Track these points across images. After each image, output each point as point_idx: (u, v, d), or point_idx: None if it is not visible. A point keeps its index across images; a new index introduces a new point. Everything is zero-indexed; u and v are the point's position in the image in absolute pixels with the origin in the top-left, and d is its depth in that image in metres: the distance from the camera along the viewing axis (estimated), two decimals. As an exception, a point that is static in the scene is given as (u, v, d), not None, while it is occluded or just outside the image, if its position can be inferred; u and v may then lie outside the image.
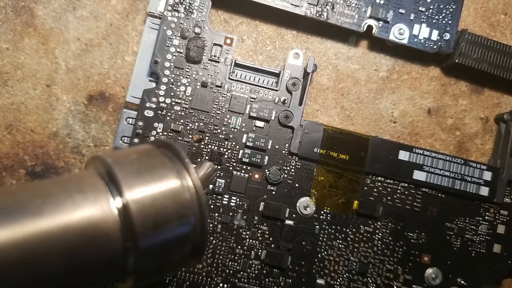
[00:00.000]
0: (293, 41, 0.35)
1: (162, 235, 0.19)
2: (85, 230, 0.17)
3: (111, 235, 0.18)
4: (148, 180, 0.19)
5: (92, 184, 0.19)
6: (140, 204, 0.18)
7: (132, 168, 0.19)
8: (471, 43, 0.33)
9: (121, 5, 0.34)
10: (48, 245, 0.17)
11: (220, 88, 0.32)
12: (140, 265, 0.19)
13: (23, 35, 0.33)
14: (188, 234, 0.20)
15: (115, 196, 0.18)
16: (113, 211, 0.18)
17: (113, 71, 0.33)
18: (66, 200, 0.18)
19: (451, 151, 0.35)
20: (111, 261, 0.18)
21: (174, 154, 0.21)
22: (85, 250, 0.17)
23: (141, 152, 0.21)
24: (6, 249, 0.16)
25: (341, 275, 0.32)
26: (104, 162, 0.19)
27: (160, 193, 0.19)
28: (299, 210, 0.32)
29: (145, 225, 0.18)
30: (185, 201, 0.19)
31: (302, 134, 0.32)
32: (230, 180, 0.32)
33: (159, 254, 0.19)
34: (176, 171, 0.20)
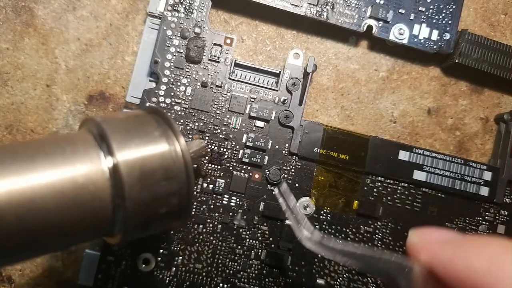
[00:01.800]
0: (293, 41, 0.35)
1: (149, 187, 0.20)
2: (76, 179, 0.18)
3: (100, 186, 0.18)
4: (138, 141, 0.20)
5: (83, 140, 0.20)
6: (128, 161, 0.19)
7: (122, 128, 0.20)
8: (471, 43, 0.33)
9: (121, 5, 0.34)
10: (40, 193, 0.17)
11: (220, 88, 0.32)
12: (128, 218, 0.19)
13: (23, 35, 0.33)
14: (173, 188, 0.20)
15: (105, 153, 0.19)
16: (103, 166, 0.19)
17: (113, 71, 0.33)
18: (57, 151, 0.18)
19: (451, 151, 0.35)
20: (101, 212, 0.19)
21: (164, 120, 0.22)
22: (76, 198, 0.18)
23: (132, 115, 0.22)
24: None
25: (341, 275, 0.32)
26: (94, 122, 0.20)
27: (148, 152, 0.20)
28: (299, 210, 0.32)
29: (132, 179, 0.19)
30: (171, 159, 0.20)
31: (302, 134, 0.32)
32: (230, 180, 0.32)
33: (146, 206, 0.20)
34: (164, 132, 0.21)
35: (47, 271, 0.32)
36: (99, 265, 0.30)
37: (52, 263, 0.32)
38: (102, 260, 0.30)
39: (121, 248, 0.30)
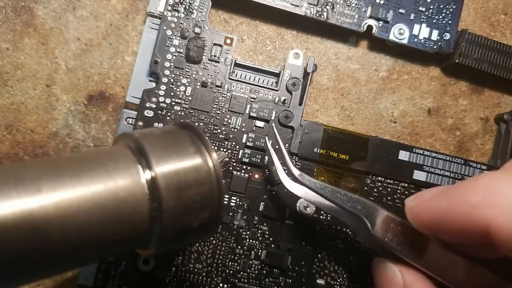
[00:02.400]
0: (293, 41, 0.35)
1: (184, 202, 0.20)
2: (118, 193, 0.19)
3: (139, 199, 0.19)
4: (175, 156, 0.21)
5: (123, 155, 0.20)
6: (166, 176, 0.20)
7: (159, 144, 0.21)
8: (471, 43, 0.33)
9: (121, 5, 0.34)
10: (85, 206, 0.18)
11: (220, 88, 0.32)
12: (164, 231, 0.20)
13: (23, 35, 0.33)
14: (206, 203, 0.21)
15: (144, 168, 0.20)
16: (142, 181, 0.20)
17: (113, 71, 0.33)
18: (100, 167, 0.19)
19: (451, 151, 0.35)
20: (139, 224, 0.19)
21: (195, 134, 0.23)
22: (117, 211, 0.19)
23: (167, 131, 0.23)
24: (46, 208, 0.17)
25: (341, 275, 0.32)
26: (133, 137, 0.21)
27: (183, 166, 0.21)
28: (299, 210, 0.32)
29: (169, 194, 0.20)
30: (205, 173, 0.21)
31: (302, 134, 0.32)
32: (230, 180, 0.32)
33: (181, 221, 0.20)
34: (198, 148, 0.22)
35: (47, 271, 0.32)
36: (99, 265, 0.30)
37: (52, 263, 0.32)
38: (102, 260, 0.30)
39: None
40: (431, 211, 0.22)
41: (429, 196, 0.23)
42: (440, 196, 0.22)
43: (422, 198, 0.24)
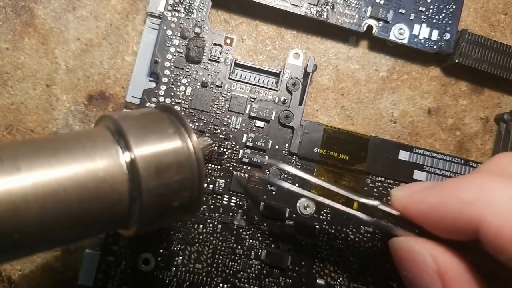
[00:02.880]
0: (293, 41, 0.35)
1: (164, 181, 0.20)
2: (97, 172, 0.19)
3: (118, 179, 0.19)
4: (154, 137, 0.21)
5: (102, 136, 0.20)
6: (145, 156, 0.20)
7: (139, 125, 0.21)
8: (471, 43, 0.33)
9: (121, 5, 0.34)
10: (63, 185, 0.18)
11: (220, 88, 0.32)
12: (144, 210, 0.20)
13: (23, 35, 0.33)
14: (186, 183, 0.21)
15: (123, 148, 0.20)
16: (121, 161, 0.20)
17: (113, 71, 0.33)
18: (78, 147, 0.19)
19: (451, 151, 0.35)
20: (119, 204, 0.20)
21: (177, 118, 0.23)
22: (97, 190, 0.19)
23: (147, 112, 0.23)
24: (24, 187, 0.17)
25: (341, 275, 0.32)
26: (112, 119, 0.21)
27: (163, 148, 0.21)
28: (299, 210, 0.32)
29: (148, 174, 0.20)
30: (184, 154, 0.21)
31: (302, 134, 0.32)
32: (230, 180, 0.32)
33: (160, 200, 0.21)
34: (177, 130, 0.22)
35: (47, 271, 0.32)
36: (99, 265, 0.30)
37: (52, 263, 0.32)
38: (102, 260, 0.30)
39: (121, 248, 0.30)
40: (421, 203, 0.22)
41: (418, 188, 0.23)
42: (432, 189, 0.22)
43: (411, 190, 0.24)
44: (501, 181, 0.20)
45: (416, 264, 0.22)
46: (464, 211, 0.20)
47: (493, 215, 0.19)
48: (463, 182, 0.21)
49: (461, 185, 0.21)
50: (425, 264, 0.22)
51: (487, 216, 0.19)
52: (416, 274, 0.22)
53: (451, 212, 0.21)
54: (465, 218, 0.20)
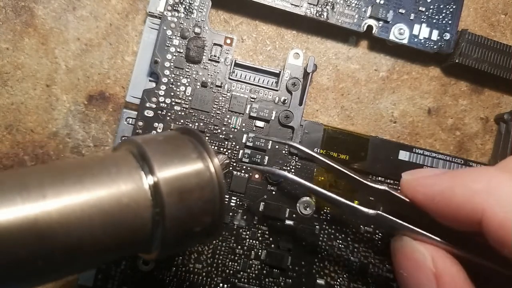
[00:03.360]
0: (293, 41, 0.35)
1: (186, 207, 0.21)
2: (121, 199, 0.19)
3: (142, 205, 0.19)
4: (177, 162, 0.21)
5: (126, 161, 0.21)
6: (169, 182, 0.20)
7: (161, 150, 0.21)
8: (471, 43, 0.33)
9: (121, 5, 0.34)
10: (88, 212, 0.18)
11: (220, 88, 0.32)
12: (166, 236, 0.20)
13: (23, 35, 0.33)
14: (208, 207, 0.21)
15: (146, 173, 0.20)
16: (145, 187, 0.20)
17: (113, 71, 0.33)
18: (103, 173, 0.19)
19: (451, 151, 0.35)
20: (142, 229, 0.20)
21: (197, 139, 0.23)
22: (120, 216, 0.19)
23: (169, 137, 0.23)
24: (49, 214, 0.17)
25: (341, 275, 0.32)
26: (135, 143, 0.21)
27: (185, 171, 0.21)
28: (299, 210, 0.32)
29: (172, 199, 0.20)
30: (206, 179, 0.21)
31: (302, 134, 0.32)
32: (230, 180, 0.32)
33: (183, 225, 0.21)
34: (199, 154, 0.22)
35: (47, 271, 0.32)
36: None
37: (52, 263, 0.32)
38: (102, 260, 0.30)
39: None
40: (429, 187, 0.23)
41: (428, 173, 0.24)
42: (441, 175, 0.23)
43: (421, 174, 0.24)
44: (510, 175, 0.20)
45: (415, 264, 0.23)
46: (470, 200, 0.20)
47: (498, 206, 0.19)
48: (473, 173, 0.22)
49: (471, 175, 0.21)
50: (425, 264, 0.22)
51: (492, 207, 0.19)
52: (414, 274, 0.23)
53: (457, 199, 0.21)
54: (470, 207, 0.20)
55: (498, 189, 0.20)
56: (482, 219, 0.20)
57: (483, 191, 0.20)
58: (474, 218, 0.20)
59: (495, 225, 0.19)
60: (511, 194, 0.19)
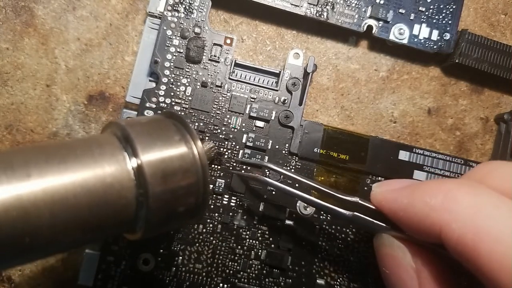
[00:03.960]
0: (293, 41, 0.35)
1: (170, 188, 0.21)
2: (105, 179, 0.19)
3: (126, 185, 0.20)
4: (160, 144, 0.21)
5: (110, 143, 0.21)
6: (152, 163, 0.20)
7: (145, 132, 0.22)
8: (471, 43, 0.33)
9: (121, 5, 0.34)
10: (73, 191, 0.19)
11: (220, 88, 0.32)
12: (150, 216, 0.21)
13: (23, 35, 0.33)
14: (192, 189, 0.22)
15: (130, 155, 0.20)
16: (128, 168, 0.20)
17: (113, 71, 0.33)
18: (87, 153, 0.20)
19: (451, 151, 0.35)
20: (126, 209, 0.20)
21: (182, 124, 0.23)
22: (105, 196, 0.19)
23: (153, 120, 0.23)
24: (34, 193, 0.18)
25: (341, 275, 0.32)
26: (119, 125, 0.22)
27: (168, 153, 0.21)
28: (299, 210, 0.32)
29: (155, 180, 0.20)
30: (189, 160, 0.22)
31: (302, 134, 0.32)
32: (230, 180, 0.32)
33: (167, 206, 0.21)
34: (183, 136, 0.22)
35: (47, 271, 0.32)
36: (99, 265, 0.30)
37: (52, 263, 0.32)
38: (102, 260, 0.30)
39: (121, 248, 0.30)
40: (392, 202, 0.23)
41: (395, 187, 0.24)
42: (404, 190, 0.23)
43: (388, 187, 0.24)
44: (467, 189, 0.20)
45: (395, 261, 0.23)
46: (428, 216, 0.20)
47: (455, 222, 0.19)
48: (431, 187, 0.21)
49: (429, 190, 0.21)
50: (405, 261, 0.23)
51: (449, 223, 0.19)
52: (395, 271, 0.23)
53: (417, 215, 0.21)
54: (429, 223, 0.20)
55: (454, 204, 0.19)
56: (440, 235, 0.20)
57: (439, 206, 0.20)
58: (435, 233, 0.20)
59: (453, 242, 0.19)
60: (467, 209, 0.19)
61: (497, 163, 0.23)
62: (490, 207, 0.19)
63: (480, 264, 0.18)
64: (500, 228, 0.18)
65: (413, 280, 0.22)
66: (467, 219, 0.19)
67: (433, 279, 0.22)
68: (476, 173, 0.23)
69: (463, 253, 0.19)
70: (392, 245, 0.24)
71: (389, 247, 0.24)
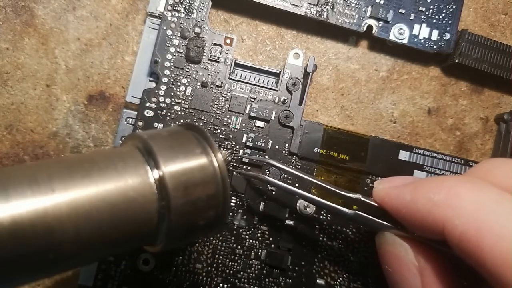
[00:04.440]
0: (293, 41, 0.35)
1: (191, 200, 0.21)
2: (127, 192, 0.19)
3: (148, 198, 0.20)
4: (182, 157, 0.21)
5: (132, 156, 0.21)
6: (174, 176, 0.21)
7: (166, 145, 0.22)
8: (471, 43, 0.33)
9: (121, 5, 0.34)
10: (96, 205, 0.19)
11: (220, 88, 0.32)
12: (171, 228, 0.21)
13: (23, 35, 0.33)
14: (212, 202, 0.22)
15: (152, 168, 0.21)
16: (151, 181, 0.20)
17: (113, 71, 0.33)
18: (110, 167, 0.20)
19: (451, 151, 0.35)
20: (148, 223, 0.20)
21: (201, 135, 0.23)
22: (127, 210, 0.19)
23: (174, 132, 0.23)
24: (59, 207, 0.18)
25: (341, 275, 0.32)
26: (141, 138, 0.22)
27: (190, 166, 0.21)
28: (299, 210, 0.32)
29: (177, 193, 0.20)
30: (210, 173, 0.22)
31: (302, 134, 0.32)
32: (230, 180, 0.32)
33: (188, 219, 0.21)
34: (204, 149, 0.22)
35: (47, 271, 0.32)
36: (99, 265, 0.30)
37: (52, 263, 0.32)
38: (102, 260, 0.30)
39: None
40: (395, 199, 0.23)
41: (397, 184, 0.24)
42: (407, 187, 0.23)
43: (390, 184, 0.24)
44: (470, 185, 0.20)
45: (398, 259, 0.23)
46: (431, 212, 0.20)
47: (457, 219, 0.19)
48: (434, 183, 0.21)
49: (431, 186, 0.21)
50: (407, 259, 0.23)
51: (451, 219, 0.19)
52: (397, 269, 0.23)
53: (420, 212, 0.21)
54: (432, 219, 0.20)
55: (457, 200, 0.20)
56: (443, 231, 0.20)
57: (442, 203, 0.20)
58: (438, 229, 0.20)
59: (456, 238, 0.19)
60: (470, 205, 0.19)
61: (499, 160, 0.23)
62: (493, 203, 0.19)
63: (482, 260, 0.18)
64: (503, 224, 0.18)
65: (415, 278, 0.22)
66: (469, 215, 0.19)
67: (436, 277, 0.22)
68: (478, 170, 0.23)
69: (466, 249, 0.19)
70: (394, 243, 0.24)
71: (391, 245, 0.24)
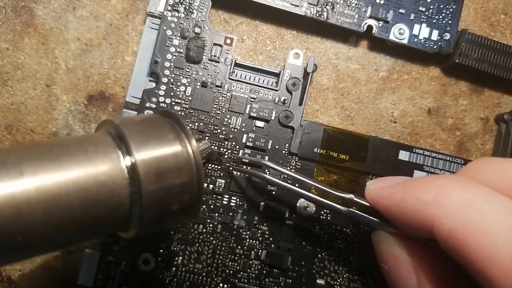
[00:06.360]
0: (293, 41, 0.35)
1: (164, 186, 0.21)
2: (98, 177, 0.19)
3: (119, 183, 0.20)
4: (154, 142, 0.21)
5: (103, 141, 0.21)
6: (145, 161, 0.20)
7: (139, 131, 0.22)
8: (471, 43, 0.33)
9: (121, 5, 0.34)
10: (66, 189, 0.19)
11: (220, 88, 0.32)
12: (144, 214, 0.21)
13: (23, 35, 0.33)
14: (186, 187, 0.22)
15: (124, 153, 0.20)
16: (122, 166, 0.20)
17: (113, 71, 0.33)
18: (80, 151, 0.20)
19: (451, 151, 0.35)
20: (119, 207, 0.20)
21: (177, 123, 0.23)
22: (98, 194, 0.19)
23: (147, 118, 0.23)
24: (27, 191, 0.18)
25: (341, 275, 0.32)
26: (113, 124, 0.22)
27: (162, 151, 0.21)
28: (299, 210, 0.32)
29: (148, 178, 0.20)
30: (184, 159, 0.22)
31: (302, 134, 0.32)
32: (230, 180, 0.32)
33: (160, 204, 0.21)
34: (177, 135, 0.22)
35: (47, 271, 0.32)
36: (99, 265, 0.30)
37: (52, 263, 0.32)
38: (102, 260, 0.30)
39: (121, 248, 0.30)
40: (386, 199, 0.23)
41: (388, 184, 0.24)
42: (397, 187, 0.23)
43: (382, 184, 0.24)
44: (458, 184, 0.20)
45: (393, 257, 0.24)
46: (420, 211, 0.21)
47: (446, 217, 0.19)
48: (423, 183, 0.22)
49: (421, 186, 0.21)
50: (402, 257, 0.23)
51: (441, 218, 0.19)
52: (393, 266, 0.24)
53: (409, 211, 0.21)
54: (421, 218, 0.20)
55: (445, 199, 0.20)
56: (432, 230, 0.20)
57: (431, 202, 0.20)
58: (427, 229, 0.20)
59: (444, 236, 0.19)
60: (458, 204, 0.19)
61: (488, 160, 0.23)
62: (480, 201, 0.19)
63: (470, 258, 0.18)
64: (490, 222, 0.18)
65: (411, 274, 0.23)
66: (457, 213, 0.19)
67: (431, 273, 0.22)
68: (468, 169, 0.23)
69: (454, 247, 0.19)
70: (389, 241, 0.24)
71: (386, 244, 0.25)
